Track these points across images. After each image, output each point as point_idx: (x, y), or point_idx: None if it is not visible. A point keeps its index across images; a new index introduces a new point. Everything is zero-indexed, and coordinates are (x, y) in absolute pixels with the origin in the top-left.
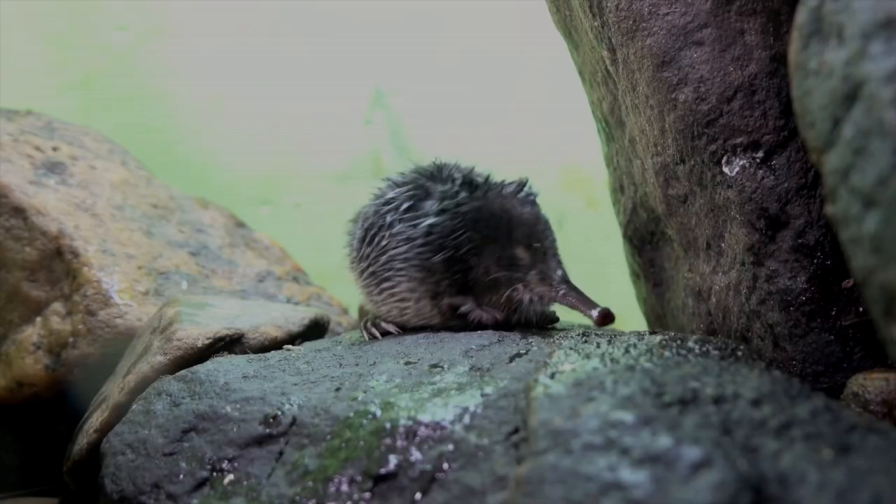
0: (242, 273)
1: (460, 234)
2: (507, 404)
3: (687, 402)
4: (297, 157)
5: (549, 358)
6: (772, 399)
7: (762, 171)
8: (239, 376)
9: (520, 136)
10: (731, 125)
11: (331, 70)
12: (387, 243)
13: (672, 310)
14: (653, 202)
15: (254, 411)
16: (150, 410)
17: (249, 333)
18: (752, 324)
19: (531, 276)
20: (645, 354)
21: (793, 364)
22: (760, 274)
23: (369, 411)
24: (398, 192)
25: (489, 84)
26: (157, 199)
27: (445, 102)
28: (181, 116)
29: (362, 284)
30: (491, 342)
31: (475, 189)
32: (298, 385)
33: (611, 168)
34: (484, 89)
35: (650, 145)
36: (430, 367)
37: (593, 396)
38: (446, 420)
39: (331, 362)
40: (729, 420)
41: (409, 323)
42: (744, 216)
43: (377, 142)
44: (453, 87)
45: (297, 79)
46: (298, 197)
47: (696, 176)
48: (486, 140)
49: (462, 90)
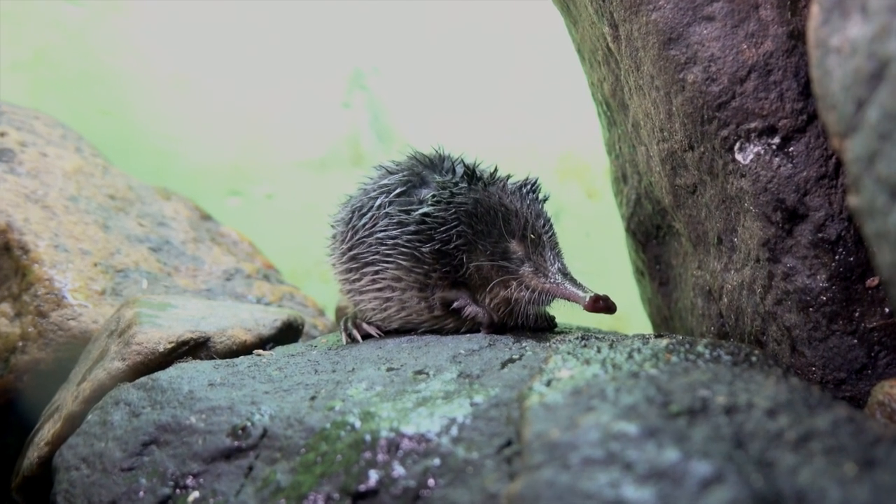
0: (208, 271)
1: (453, 226)
2: (499, 414)
3: (696, 413)
4: (268, 144)
5: (544, 364)
6: (789, 409)
7: (778, 158)
8: (204, 384)
9: (513, 121)
10: (745, 108)
11: (305, 48)
12: (376, 224)
13: (679, 311)
14: (659, 193)
15: (221, 422)
16: (106, 421)
17: (216, 337)
18: (767, 326)
19: (525, 270)
20: (650, 360)
21: (812, 370)
22: (777, 271)
23: (347, 422)
24: (392, 178)
25: (479, 63)
26: (114, 190)
27: (431, 83)
28: (141, 99)
29: (342, 270)
30: (481, 346)
31: (475, 182)
32: (270, 393)
33: (612, 155)
34: (473, 68)
35: (656, 130)
36: (415, 373)
37: (593, 406)
38: (432, 432)
39: (305, 368)
40: (742, 432)
41: (391, 321)
42: (758, 208)
43: (356, 127)
44: (440, 67)
45: (268, 58)
46: (270, 187)
47: (707, 164)
48: (475, 124)
49: (449, 70)
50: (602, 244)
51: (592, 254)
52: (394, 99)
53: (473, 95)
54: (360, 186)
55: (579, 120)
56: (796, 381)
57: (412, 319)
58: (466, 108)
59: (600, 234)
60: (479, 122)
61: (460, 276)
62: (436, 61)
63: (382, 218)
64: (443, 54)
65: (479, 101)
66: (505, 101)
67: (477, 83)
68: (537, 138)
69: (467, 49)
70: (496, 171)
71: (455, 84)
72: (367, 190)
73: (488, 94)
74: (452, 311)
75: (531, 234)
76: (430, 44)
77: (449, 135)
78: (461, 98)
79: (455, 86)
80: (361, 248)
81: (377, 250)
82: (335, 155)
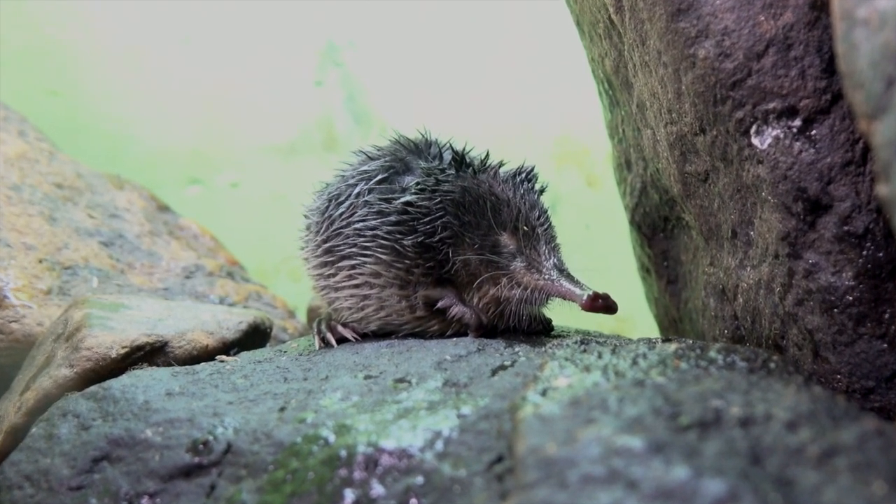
0: (166, 268)
1: (438, 217)
2: (489, 427)
3: (708, 425)
4: (232, 127)
5: (539, 371)
6: (811, 421)
7: (799, 142)
8: (161, 393)
9: (504, 101)
10: (762, 87)
11: (272, 19)
12: (353, 214)
13: (690, 312)
14: (666, 181)
15: (180, 436)
16: (53, 435)
17: (174, 341)
18: (787, 329)
19: (516, 265)
20: (657, 367)
21: (837, 378)
22: (797, 268)
23: (320, 436)
24: (373, 164)
25: (467, 36)
26: (61, 178)
27: (413, 59)
28: (91, 77)
29: (316, 264)
30: (469, 352)
31: (464, 169)
32: (234, 404)
33: (615, 139)
34: (461, 42)
35: (663, 112)
36: (395, 381)
37: (594, 418)
38: (414, 447)
39: (274, 376)
40: (759, 446)
41: (369, 322)
42: (777, 198)
43: (330, 107)
44: (423, 40)
45: (232, 30)
46: (234, 175)
47: (720, 149)
48: (463, 104)
49: (434, 43)
50: (603, 238)
51: (592, 248)
52: (372, 76)
53: (461, 72)
54: (338, 173)
55: (578, 100)
56: (819, 390)
57: (392, 321)
58: (453, 86)
59: (601, 227)
60: (467, 103)
61: (446, 272)
62: (419, 34)
63: (361, 207)
64: (426, 26)
65: (467, 79)
66: (496, 79)
67: (465, 59)
68: (531, 120)
69: (454, 21)
70: (487, 158)
71: (440, 60)
72: (346, 177)
73: (477, 71)
74: (437, 312)
75: (524, 226)
76: (413, 14)
77: (433, 116)
78: (447, 75)
79: (440, 62)
80: (338, 240)
81: (355, 242)
82: (306, 139)
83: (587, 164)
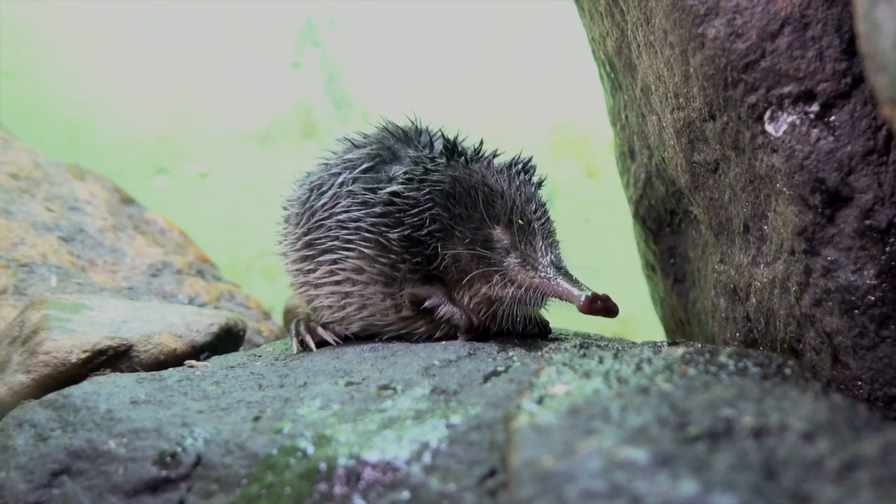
0: (130, 265)
1: (426, 209)
2: (481, 438)
3: (718, 436)
4: (202, 113)
5: (535, 377)
6: (830, 431)
7: (817, 129)
8: (126, 401)
9: (497, 84)
10: (777, 69)
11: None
12: (336, 204)
13: (698, 313)
14: (673, 171)
15: (146, 447)
16: (8, 446)
17: (140, 345)
18: (804, 332)
19: (510, 261)
20: (662, 373)
21: (858, 385)
22: (815, 266)
23: (298, 448)
24: (359, 152)
25: (457, 14)
26: (17, 168)
27: (399, 38)
28: (50, 59)
29: (295, 259)
30: (459, 356)
31: (455, 158)
32: (205, 413)
33: (617, 126)
34: (450, 21)
35: (670, 96)
36: (379, 388)
37: (594, 428)
38: (400, 459)
39: (248, 383)
40: (773, 459)
41: (351, 322)
42: (793, 190)
43: (308, 91)
44: (409, 18)
45: (202, 9)
46: (204, 164)
47: (731, 137)
48: (452, 89)
49: (421, 22)
50: (604, 233)
51: (592, 244)
52: (354, 57)
53: (451, 54)
54: (321, 162)
55: (577, 84)
56: (839, 397)
57: (375, 321)
58: (442, 69)
59: (602, 221)
60: (458, 87)
61: (434, 268)
62: (405, 11)
63: (345, 197)
64: (413, 2)
65: (458, 61)
66: (488, 61)
67: (455, 39)
68: (527, 105)
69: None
70: (481, 147)
71: (429, 39)
72: (329, 165)
73: (468, 53)
74: (424, 312)
75: (519, 220)
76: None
77: (421, 102)
78: (436, 57)
79: (429, 41)
80: (319, 233)
81: (337, 235)
82: (282, 125)
83: (587, 153)
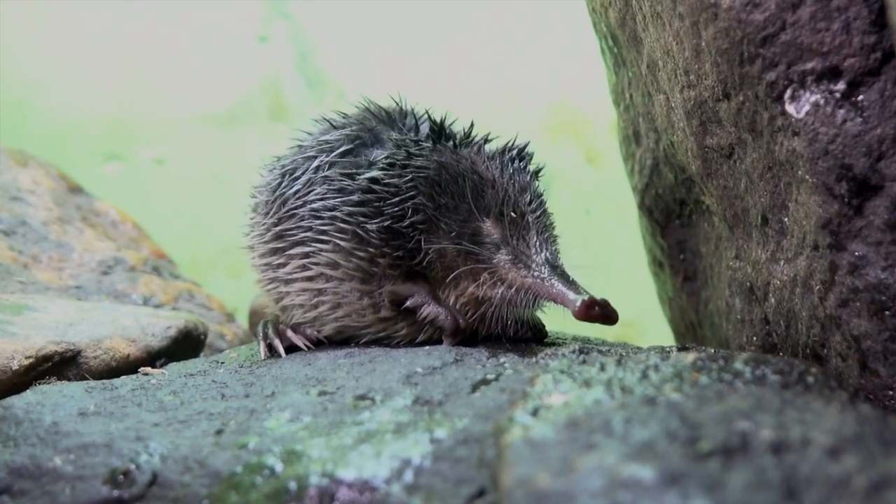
0: (79, 261)
1: (408, 197)
2: (469, 454)
3: (733, 452)
4: (158, 92)
5: (530, 386)
6: (858, 446)
7: (843, 110)
8: (73, 413)
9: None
10: (798, 43)
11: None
12: (310, 191)
13: (711, 315)
14: (683, 156)
15: (95, 464)
16: None
17: (89, 350)
18: (828, 335)
19: (500, 258)
20: (671, 381)
21: (889, 395)
22: (841, 262)
23: (265, 465)
24: (336, 134)
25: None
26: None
27: (378, 10)
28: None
29: (263, 252)
30: (444, 363)
31: (442, 142)
32: (161, 426)
33: (620, 106)
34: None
35: (679, 73)
36: (356, 399)
37: (595, 443)
38: (379, 477)
39: (209, 392)
40: (794, 477)
41: (324, 324)
42: (817, 177)
43: (276, 68)
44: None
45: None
46: (160, 149)
47: (747, 118)
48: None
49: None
50: (606, 225)
51: (593, 238)
52: (328, 31)
53: (436, 27)
54: (295, 144)
55: (576, 61)
56: (867, 409)
57: (351, 322)
58: (427, 44)
59: (604, 212)
60: (444, 64)
61: (417, 264)
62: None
63: (320, 183)
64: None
65: (444, 36)
66: (478, 35)
67: (441, 11)
68: (521, 85)
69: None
70: (471, 130)
71: (412, 11)
72: (304, 148)
73: (455, 26)
74: (405, 313)
75: (511, 212)
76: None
77: (403, 81)
78: (420, 31)
79: (412, 13)
80: (290, 223)
81: (310, 225)
82: (248, 106)
83: (587, 137)
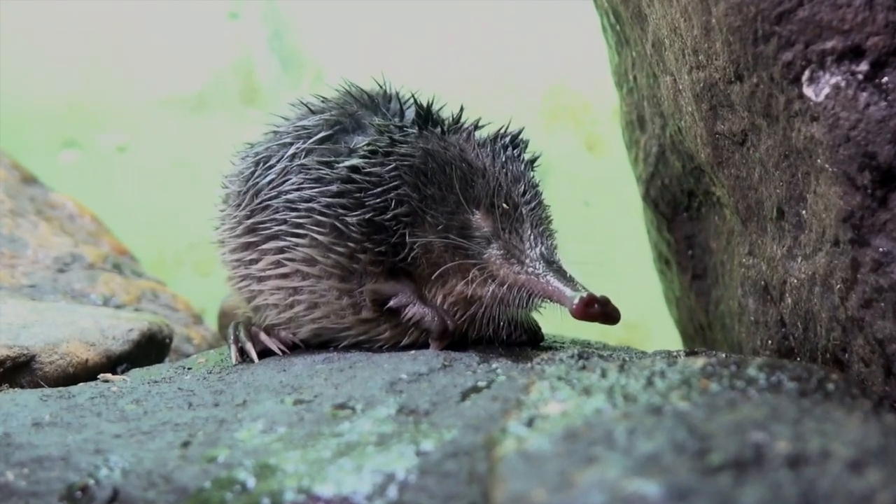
0: (33, 258)
1: (392, 188)
2: (458, 468)
3: (746, 466)
4: (119, 74)
5: (524, 394)
6: (882, 459)
7: (866, 93)
8: (27, 423)
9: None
10: (817, 20)
11: None
12: (285, 181)
13: (722, 316)
14: (691, 143)
15: (51, 479)
16: None
17: (44, 355)
18: (850, 339)
19: (491, 253)
20: (678, 389)
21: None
22: (864, 259)
23: (236, 479)
24: (315, 119)
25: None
26: None
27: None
28: None
29: (234, 247)
30: (431, 369)
31: (429, 128)
32: (123, 438)
33: (623, 89)
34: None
35: (687, 53)
36: (335, 408)
37: (596, 455)
38: (360, 494)
39: (175, 401)
40: (813, 493)
41: (300, 326)
42: (837, 166)
43: (248, 48)
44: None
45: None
46: (122, 136)
47: (762, 102)
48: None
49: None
50: (607, 218)
51: (593, 232)
52: (304, 6)
53: (422, 2)
54: (270, 130)
55: (575, 39)
56: (892, 419)
57: (330, 324)
58: (411, 21)
59: (605, 204)
60: (430, 42)
61: (401, 260)
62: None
63: (296, 172)
64: None
65: (432, 14)
66: (469, 13)
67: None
68: (514, 65)
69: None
70: (461, 115)
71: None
72: (279, 134)
73: (444, 3)
74: (388, 314)
75: (503, 204)
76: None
77: (387, 62)
78: (404, 7)
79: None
80: (264, 216)
81: (285, 218)
82: (218, 88)
83: (586, 123)
